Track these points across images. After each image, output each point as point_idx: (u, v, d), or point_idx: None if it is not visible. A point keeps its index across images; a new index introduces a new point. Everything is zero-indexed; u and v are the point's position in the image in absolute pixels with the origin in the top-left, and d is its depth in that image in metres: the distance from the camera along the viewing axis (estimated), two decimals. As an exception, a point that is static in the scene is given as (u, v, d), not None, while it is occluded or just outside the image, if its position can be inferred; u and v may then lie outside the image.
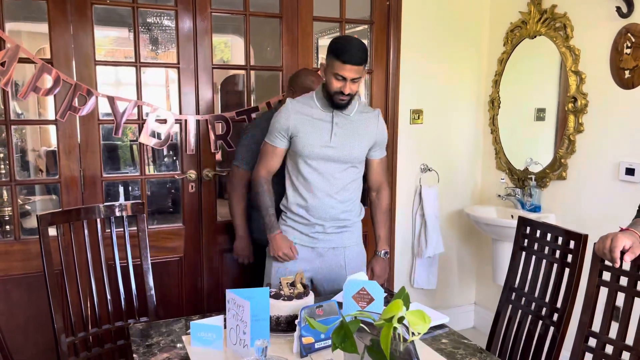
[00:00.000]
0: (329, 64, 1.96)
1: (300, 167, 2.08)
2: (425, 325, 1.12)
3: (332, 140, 2.05)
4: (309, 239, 2.16)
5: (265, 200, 2.12)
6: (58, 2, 2.34)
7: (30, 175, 4.56)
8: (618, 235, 1.49)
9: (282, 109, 2.07)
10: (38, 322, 2.45)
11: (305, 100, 2.09)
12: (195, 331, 1.59)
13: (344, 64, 1.90)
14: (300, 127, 2.04)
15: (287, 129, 2.05)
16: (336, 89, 1.96)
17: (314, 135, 2.04)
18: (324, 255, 2.18)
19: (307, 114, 2.06)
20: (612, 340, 1.62)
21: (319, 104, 2.07)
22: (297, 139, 2.05)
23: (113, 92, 2.48)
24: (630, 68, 2.46)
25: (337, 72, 1.92)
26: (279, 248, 2.10)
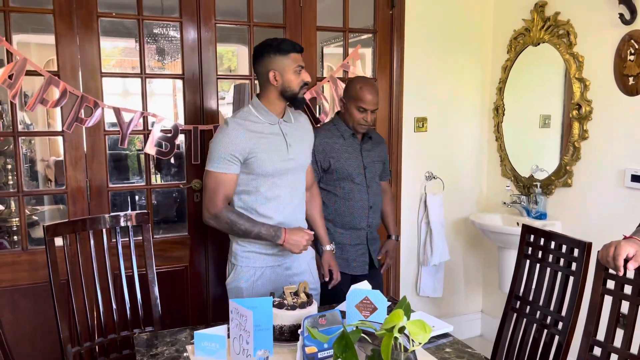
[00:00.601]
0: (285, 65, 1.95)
1: (260, 187, 1.98)
2: (426, 335, 1.12)
3: (290, 151, 2.01)
4: (274, 259, 2.06)
5: (243, 222, 1.95)
6: (64, 15, 2.38)
7: (39, 185, 4.62)
8: (621, 243, 1.48)
9: (226, 132, 1.92)
10: (45, 331, 2.47)
11: (246, 117, 1.98)
12: (199, 341, 1.59)
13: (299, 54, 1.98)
14: (256, 146, 1.93)
15: (243, 151, 1.91)
16: (301, 82, 1.98)
17: (271, 151, 1.96)
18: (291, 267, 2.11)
19: (257, 131, 1.96)
20: (617, 349, 1.61)
21: (263, 118, 1.98)
22: (255, 159, 1.93)
23: (120, 102, 2.51)
24: (634, 75, 2.46)
25: (298, 64, 1.97)
26: (299, 242, 1.96)
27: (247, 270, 2.04)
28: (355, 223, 2.44)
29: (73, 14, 2.39)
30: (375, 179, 2.51)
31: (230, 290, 2.07)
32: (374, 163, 2.50)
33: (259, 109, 2.00)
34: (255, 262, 2.04)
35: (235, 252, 2.05)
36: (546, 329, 1.85)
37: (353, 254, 2.47)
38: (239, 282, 2.04)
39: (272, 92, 1.99)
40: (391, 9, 3.05)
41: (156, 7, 4.19)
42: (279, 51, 1.94)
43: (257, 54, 1.99)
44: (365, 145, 2.48)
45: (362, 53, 3.25)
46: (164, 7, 4.19)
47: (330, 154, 2.39)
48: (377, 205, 2.52)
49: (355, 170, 2.42)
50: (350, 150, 2.43)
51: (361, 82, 2.38)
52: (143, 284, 2.13)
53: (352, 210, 2.43)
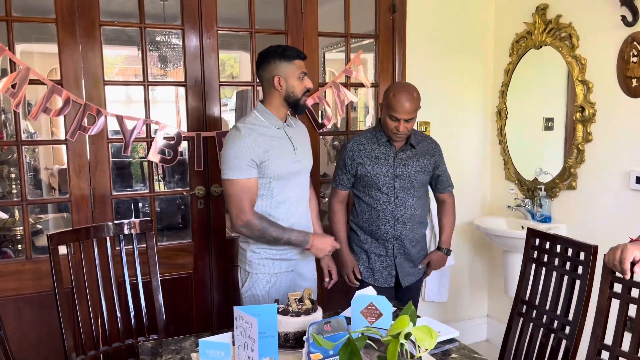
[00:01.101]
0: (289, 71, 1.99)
1: (272, 190, 2.02)
2: (432, 341, 1.12)
3: (297, 153, 2.07)
4: (288, 263, 2.10)
5: (274, 229, 1.98)
6: (67, 24, 2.39)
7: (43, 193, 4.63)
8: (628, 246, 1.47)
9: (240, 138, 1.94)
10: (50, 340, 2.47)
11: (254, 122, 2.01)
12: (204, 349, 1.58)
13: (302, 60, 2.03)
14: (269, 149, 1.97)
15: (259, 155, 1.95)
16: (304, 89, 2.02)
17: (282, 153, 2.01)
18: (302, 273, 2.17)
19: (268, 135, 2.00)
20: (625, 353, 1.59)
21: (269, 123, 2.02)
22: (268, 162, 1.97)
23: (123, 110, 2.52)
24: (637, 77, 2.45)
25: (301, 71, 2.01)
26: (325, 247, 2.06)
27: (263, 278, 2.07)
28: (381, 234, 2.36)
29: (75, 23, 2.40)
30: (409, 190, 2.34)
31: (246, 299, 2.08)
32: (409, 173, 2.34)
33: (265, 113, 2.04)
34: (270, 269, 2.07)
35: (249, 259, 2.06)
36: (553, 333, 1.84)
37: (378, 265, 2.40)
38: (255, 289, 2.06)
39: (276, 97, 2.02)
40: (392, 13, 3.06)
41: (158, 15, 4.21)
42: (284, 57, 1.98)
43: (262, 59, 2.02)
44: (403, 153, 2.34)
45: (364, 58, 3.25)
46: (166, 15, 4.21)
47: (358, 160, 2.34)
48: (409, 219, 2.35)
49: (383, 178, 2.32)
50: (381, 157, 2.33)
51: (395, 89, 2.24)
52: (147, 291, 2.12)
53: (377, 219, 2.35)
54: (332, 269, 2.34)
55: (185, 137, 2.64)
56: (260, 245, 2.04)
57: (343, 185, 2.43)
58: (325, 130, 3.12)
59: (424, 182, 2.39)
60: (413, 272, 2.46)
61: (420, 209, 2.41)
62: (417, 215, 2.38)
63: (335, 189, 2.46)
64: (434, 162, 2.41)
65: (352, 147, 2.38)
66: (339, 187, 2.44)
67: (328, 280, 2.33)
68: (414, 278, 2.47)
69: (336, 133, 3.84)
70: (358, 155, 2.35)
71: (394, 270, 2.40)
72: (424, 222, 2.45)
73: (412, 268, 2.45)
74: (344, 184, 2.42)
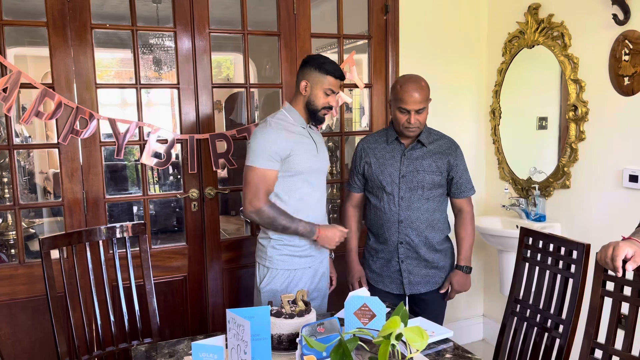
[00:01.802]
0: (318, 82, 2.06)
1: (296, 184, 2.08)
2: (423, 341, 1.11)
3: (319, 152, 2.15)
4: (306, 260, 2.15)
5: (283, 218, 2.03)
6: (58, 27, 2.38)
7: (38, 197, 4.61)
8: (620, 244, 1.48)
9: (268, 131, 2.03)
10: (43, 345, 2.45)
11: (283, 119, 2.10)
12: (197, 352, 1.58)
13: (335, 79, 2.08)
14: (295, 145, 2.05)
15: (284, 149, 2.03)
16: (325, 104, 2.09)
17: (306, 150, 2.09)
18: (318, 270, 2.21)
19: (294, 132, 2.08)
20: (618, 351, 1.59)
21: (295, 121, 2.11)
22: (294, 157, 2.05)
23: (118, 113, 2.52)
24: (630, 75, 2.45)
25: (328, 87, 2.07)
26: (332, 238, 2.08)
27: (283, 273, 2.12)
28: (386, 236, 2.27)
29: (67, 26, 2.39)
30: (417, 191, 2.21)
31: (265, 293, 2.12)
32: (417, 172, 2.21)
33: (292, 113, 2.13)
34: (291, 265, 2.12)
35: (270, 255, 2.12)
36: (547, 332, 1.84)
37: (386, 270, 2.32)
38: (274, 285, 2.11)
39: (300, 100, 2.12)
40: (385, 14, 3.06)
41: (152, 18, 4.21)
42: (320, 68, 2.06)
43: (303, 62, 2.12)
44: (412, 152, 2.23)
45: (358, 59, 3.25)
46: (160, 17, 4.21)
47: (365, 159, 2.31)
48: (415, 222, 2.22)
49: (388, 177, 2.23)
50: (388, 156, 2.26)
51: (402, 80, 2.19)
52: (141, 295, 2.12)
53: (381, 221, 2.27)
54: (332, 275, 2.37)
55: (179, 140, 2.63)
56: (281, 241, 2.10)
57: (355, 187, 2.39)
58: (320, 132, 3.11)
59: (434, 183, 2.23)
60: (425, 282, 2.29)
61: (430, 213, 2.24)
62: (425, 219, 2.23)
63: (349, 191, 2.44)
64: (448, 162, 2.24)
65: (361, 146, 2.35)
66: (352, 190, 2.41)
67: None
68: (426, 288, 2.30)
69: (331, 134, 3.84)
70: (366, 154, 2.31)
71: (401, 275, 2.28)
72: (437, 226, 2.27)
73: (425, 277, 2.29)
74: (356, 186, 2.39)
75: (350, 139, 4.07)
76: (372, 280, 2.38)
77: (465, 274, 2.31)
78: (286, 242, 2.10)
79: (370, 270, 2.38)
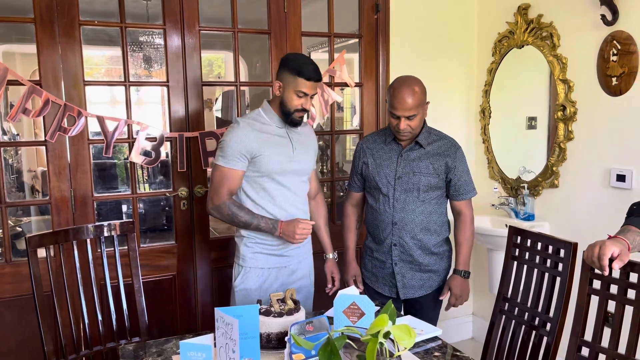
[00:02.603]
0: (290, 83, 2.01)
1: (265, 185, 2.06)
2: (411, 339, 1.11)
3: (295, 154, 2.10)
4: (281, 259, 2.14)
5: (244, 214, 2.02)
6: (46, 24, 2.36)
7: (26, 195, 4.57)
8: (606, 243, 1.48)
9: (236, 130, 2.02)
10: (30, 344, 2.43)
11: (257, 118, 2.08)
12: (185, 351, 1.57)
13: (307, 81, 2.00)
14: (263, 145, 2.02)
15: (250, 150, 2.01)
16: (297, 106, 2.03)
17: (278, 151, 2.05)
18: (295, 270, 2.19)
19: (265, 132, 2.05)
20: (604, 349, 1.61)
21: (270, 121, 2.08)
22: (262, 157, 2.02)
23: (107, 111, 2.50)
24: (617, 75, 2.48)
25: (300, 89, 2.00)
26: (294, 232, 2.01)
27: (255, 272, 2.11)
28: (380, 237, 2.25)
29: (54, 22, 2.37)
30: (412, 193, 2.17)
31: (239, 292, 2.11)
32: (413, 174, 2.16)
33: (269, 112, 2.10)
34: (264, 264, 2.11)
35: (243, 254, 2.11)
36: (535, 330, 1.85)
37: (381, 271, 2.30)
38: (248, 283, 2.10)
39: (276, 100, 2.09)
40: (376, 13, 3.06)
41: (141, 15, 4.18)
42: (292, 70, 2.01)
43: (280, 62, 2.08)
44: (409, 153, 2.19)
45: (349, 58, 3.25)
46: (150, 14, 4.18)
47: (363, 158, 2.29)
48: (409, 224, 2.18)
49: (384, 178, 2.20)
50: (385, 156, 2.23)
51: (395, 84, 2.12)
52: (129, 294, 2.10)
53: (376, 222, 2.25)
54: (335, 275, 2.35)
55: (168, 138, 2.62)
56: (253, 239, 2.09)
57: (355, 187, 2.37)
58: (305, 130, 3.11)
59: (430, 185, 2.18)
60: (420, 286, 2.26)
61: (426, 215, 2.20)
62: (419, 221, 2.19)
63: (349, 190, 2.43)
64: (445, 163, 2.18)
65: (361, 145, 2.33)
66: (352, 189, 2.39)
67: (330, 287, 2.34)
68: (420, 292, 2.26)
69: (321, 133, 3.84)
70: (364, 153, 2.29)
71: (394, 278, 2.25)
72: (433, 229, 2.22)
73: (419, 280, 2.25)
74: (356, 185, 2.36)
75: (341, 138, 4.08)
76: (367, 279, 2.37)
77: (463, 278, 2.26)
78: (258, 240, 2.09)
79: (366, 269, 2.38)
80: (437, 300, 2.32)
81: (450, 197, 2.27)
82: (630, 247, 1.49)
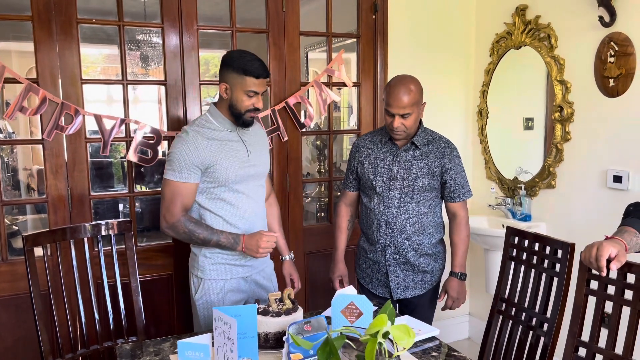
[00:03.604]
0: (237, 84, 1.90)
1: (222, 195, 1.97)
2: (410, 339, 1.12)
3: (250, 158, 2.02)
4: (242, 269, 2.05)
5: (202, 231, 1.92)
6: (43, 22, 2.35)
7: (22, 194, 4.55)
8: (603, 243, 1.49)
9: (186, 141, 1.89)
10: (27, 343, 2.42)
11: (204, 124, 1.96)
12: (183, 350, 1.57)
13: (256, 79, 1.90)
14: (217, 154, 1.92)
15: (202, 161, 1.90)
16: (249, 106, 1.93)
17: (232, 157, 1.96)
18: (258, 280, 2.12)
19: (217, 139, 1.94)
20: (601, 349, 1.61)
21: (221, 126, 1.98)
22: (217, 167, 1.92)
23: (104, 109, 2.49)
24: (615, 76, 2.48)
25: (249, 89, 1.90)
26: (257, 245, 1.91)
27: (217, 284, 2.02)
28: (374, 237, 2.23)
29: (52, 20, 2.36)
30: (407, 193, 2.16)
31: (200, 306, 2.03)
32: (408, 175, 2.15)
33: (217, 116, 1.99)
34: (224, 275, 2.02)
35: (202, 265, 2.01)
36: (532, 331, 1.86)
37: (375, 272, 2.28)
38: (209, 296, 2.02)
39: (224, 103, 1.97)
40: (374, 13, 3.06)
41: (139, 14, 4.17)
42: (237, 69, 1.90)
43: (221, 62, 1.97)
44: (405, 154, 2.18)
45: (347, 57, 3.25)
46: (147, 13, 4.17)
47: (358, 158, 2.27)
48: (403, 225, 2.18)
49: (379, 178, 2.19)
50: (381, 156, 2.21)
51: (391, 81, 2.10)
52: (126, 293, 2.10)
53: (371, 222, 2.24)
54: (294, 277, 2.30)
55: (165, 137, 2.61)
56: (213, 250, 1.99)
57: (349, 186, 2.35)
58: (308, 130, 3.12)
59: (425, 186, 2.17)
60: (413, 286, 2.25)
61: (421, 216, 2.19)
62: (413, 222, 2.18)
63: (343, 189, 2.41)
64: (441, 165, 2.17)
65: (356, 144, 2.31)
66: (346, 188, 2.38)
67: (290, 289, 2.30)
68: (414, 293, 2.26)
69: (318, 132, 3.84)
70: (360, 153, 2.27)
71: (388, 279, 2.25)
72: (427, 230, 2.22)
73: (413, 281, 2.25)
74: (351, 185, 2.34)
75: (338, 138, 4.08)
76: (362, 280, 2.36)
77: (460, 281, 2.26)
78: (218, 251, 1.99)
79: (360, 269, 2.36)
80: (432, 300, 2.32)
81: (445, 199, 2.27)
82: (628, 248, 1.50)
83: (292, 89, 2.88)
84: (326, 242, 2.93)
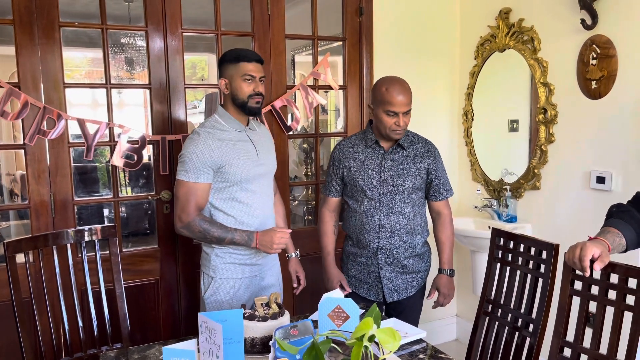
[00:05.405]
0: (234, 73, 1.96)
1: (235, 194, 2.00)
2: (395, 343, 1.11)
3: (260, 157, 2.06)
4: (253, 269, 2.09)
5: (216, 229, 1.95)
6: (25, 25, 2.32)
7: (5, 199, 4.48)
8: (587, 244, 1.50)
9: (198, 142, 1.93)
10: (9, 352, 2.38)
11: (214, 125, 2.00)
12: (168, 356, 1.55)
13: (249, 63, 1.96)
14: (229, 154, 1.96)
15: (214, 161, 1.93)
16: (250, 91, 1.97)
17: (243, 157, 1.99)
18: (265, 278, 2.15)
19: (227, 139, 1.99)
20: (586, 349, 1.62)
21: (229, 126, 2.01)
22: (229, 166, 1.95)
23: (89, 113, 2.46)
24: (597, 79, 2.51)
25: (245, 73, 1.95)
26: (271, 241, 1.95)
27: (228, 283, 2.05)
28: (365, 241, 2.22)
29: (34, 24, 2.33)
30: (398, 195, 2.18)
31: (210, 304, 2.05)
32: (397, 177, 2.17)
33: (225, 117, 2.03)
34: (235, 274, 2.05)
35: (214, 264, 2.04)
36: (518, 331, 1.86)
37: (365, 276, 2.27)
38: (219, 295, 2.04)
39: (228, 100, 2.02)
40: (360, 16, 3.07)
41: (123, 17, 4.14)
42: (229, 60, 1.97)
43: (218, 63, 2.04)
44: (393, 155, 2.19)
45: (333, 61, 3.26)
46: (132, 16, 4.14)
47: (344, 163, 2.24)
48: (396, 227, 2.19)
49: (369, 182, 2.18)
50: (368, 160, 2.20)
51: (387, 83, 2.11)
52: (111, 299, 2.07)
53: (362, 226, 2.21)
54: (300, 274, 2.31)
55: (150, 141, 2.59)
56: (225, 249, 2.03)
57: (333, 192, 2.31)
58: (294, 133, 3.11)
59: (415, 187, 2.20)
60: (404, 288, 2.26)
61: (411, 217, 2.21)
62: (405, 223, 2.20)
63: (325, 196, 2.36)
64: (427, 165, 2.22)
65: (339, 150, 2.28)
66: (329, 194, 2.33)
67: (296, 286, 2.31)
68: (404, 294, 2.27)
69: (305, 135, 3.84)
70: (345, 158, 2.24)
71: (381, 282, 2.24)
72: (418, 231, 2.25)
73: (404, 283, 2.26)
74: (334, 191, 2.31)
75: (325, 141, 4.08)
76: (351, 285, 2.33)
77: (449, 277, 2.31)
78: (230, 250, 2.03)
79: (348, 275, 2.33)
80: (420, 301, 2.33)
81: (430, 198, 2.29)
82: (611, 248, 1.51)
83: (278, 92, 2.87)
84: (314, 245, 2.91)
